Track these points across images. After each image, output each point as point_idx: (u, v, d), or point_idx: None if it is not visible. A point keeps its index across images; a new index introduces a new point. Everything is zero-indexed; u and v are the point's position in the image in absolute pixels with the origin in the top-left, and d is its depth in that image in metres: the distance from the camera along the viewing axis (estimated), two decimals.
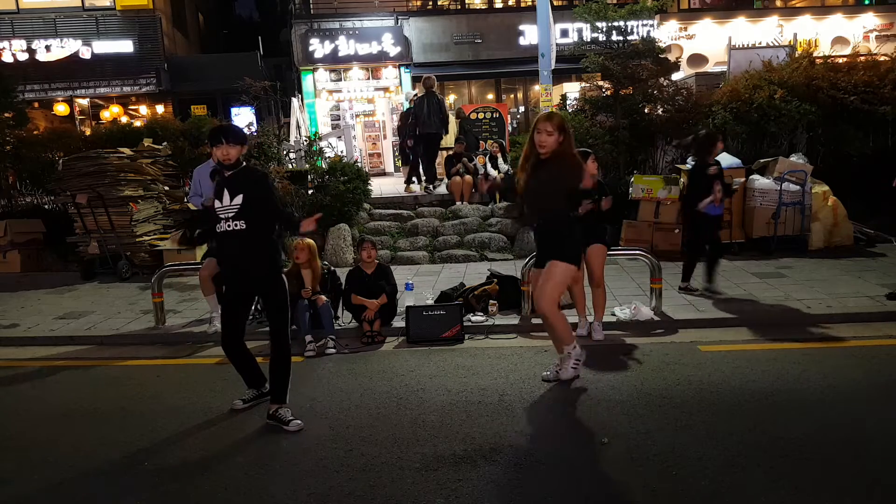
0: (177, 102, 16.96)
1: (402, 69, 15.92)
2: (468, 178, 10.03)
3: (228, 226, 3.77)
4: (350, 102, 16.28)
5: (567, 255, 4.14)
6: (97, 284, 8.13)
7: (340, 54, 15.52)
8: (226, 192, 3.77)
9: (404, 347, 5.38)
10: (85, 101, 16.88)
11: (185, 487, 3.22)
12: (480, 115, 12.97)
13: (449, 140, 12.59)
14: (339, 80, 16.25)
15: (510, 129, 13.74)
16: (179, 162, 9.49)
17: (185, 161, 9.43)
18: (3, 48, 15.71)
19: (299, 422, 3.83)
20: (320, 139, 10.73)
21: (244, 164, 3.94)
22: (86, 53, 16.12)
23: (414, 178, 10.92)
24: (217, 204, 3.80)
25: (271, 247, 3.92)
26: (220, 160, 3.82)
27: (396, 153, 15.77)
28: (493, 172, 9.96)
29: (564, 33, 15.24)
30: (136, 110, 17.14)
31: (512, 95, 17.55)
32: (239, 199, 3.74)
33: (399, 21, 15.93)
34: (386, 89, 16.36)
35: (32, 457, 3.63)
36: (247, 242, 3.80)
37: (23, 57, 15.73)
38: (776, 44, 12.98)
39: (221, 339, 4.05)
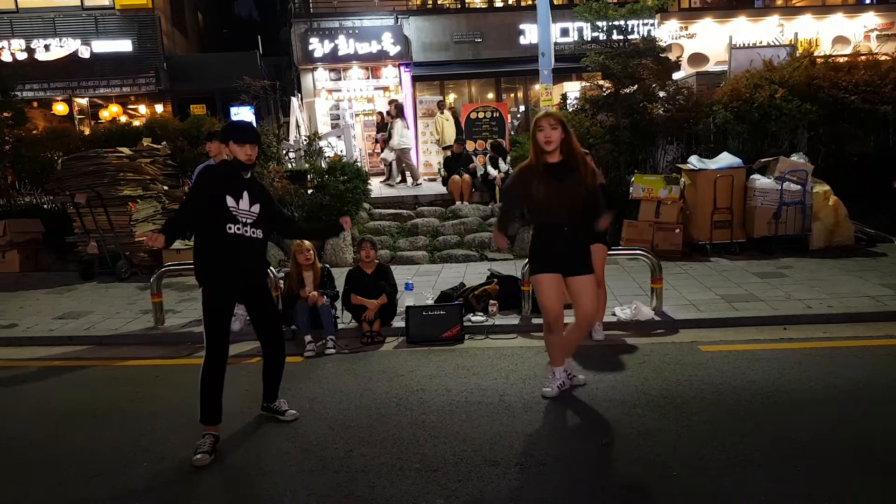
0: (176, 102, 16.93)
1: (402, 68, 15.90)
2: (467, 177, 10.03)
3: (247, 231, 3.58)
4: (350, 102, 16.28)
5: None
6: (96, 284, 8.11)
7: (340, 53, 15.50)
8: (246, 195, 3.59)
9: (404, 347, 5.36)
10: (84, 101, 16.86)
11: (185, 487, 3.21)
12: (481, 115, 12.94)
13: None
14: (339, 79, 16.23)
15: (510, 128, 13.73)
16: (178, 161, 9.48)
17: (184, 161, 9.41)
18: (3, 48, 15.68)
19: (294, 411, 3.95)
20: (320, 139, 10.72)
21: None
22: (85, 53, 16.10)
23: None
24: (231, 203, 3.52)
25: (267, 258, 3.94)
26: (241, 160, 3.58)
27: None
28: (493, 172, 9.95)
29: (565, 32, 15.22)
30: (135, 110, 17.13)
31: (512, 95, 17.53)
32: (257, 208, 3.64)
33: (399, 20, 15.91)
34: (386, 88, 16.35)
35: (32, 457, 3.62)
36: (260, 251, 3.78)
37: (22, 56, 15.71)
38: (777, 43, 12.95)
39: (212, 368, 3.61)
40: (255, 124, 14.43)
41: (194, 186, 3.69)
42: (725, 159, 8.15)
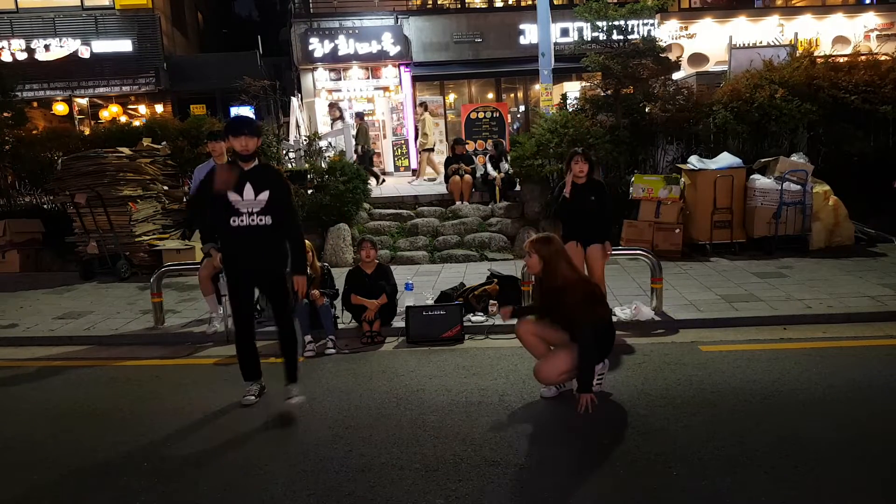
0: (176, 102, 16.94)
1: (402, 68, 15.90)
2: (468, 177, 10.01)
3: (252, 220, 3.80)
4: (350, 102, 16.27)
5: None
6: (96, 284, 8.11)
7: (340, 53, 15.50)
8: (248, 187, 3.79)
9: (404, 347, 5.36)
10: (84, 101, 16.87)
11: (185, 487, 3.21)
12: (481, 115, 12.96)
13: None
14: (339, 79, 16.23)
15: (511, 129, 13.75)
16: (178, 161, 9.47)
17: (184, 161, 9.41)
18: (3, 48, 15.69)
19: (298, 399, 4.03)
20: (320, 139, 10.71)
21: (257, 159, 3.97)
22: (85, 53, 16.11)
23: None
24: (235, 198, 3.78)
25: (284, 242, 4.01)
26: (237, 152, 3.81)
27: (397, 153, 15.78)
28: (494, 173, 9.94)
29: (565, 32, 15.23)
30: (135, 110, 17.13)
31: (512, 95, 17.54)
32: (265, 195, 3.82)
33: (399, 20, 15.92)
34: (386, 88, 16.35)
35: (31, 457, 3.61)
36: (269, 238, 3.89)
37: (22, 56, 15.72)
38: (777, 43, 12.95)
39: (237, 335, 4.09)
40: None
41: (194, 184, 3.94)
42: (725, 159, 8.15)
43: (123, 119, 15.68)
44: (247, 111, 14.96)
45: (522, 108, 17.16)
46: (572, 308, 3.83)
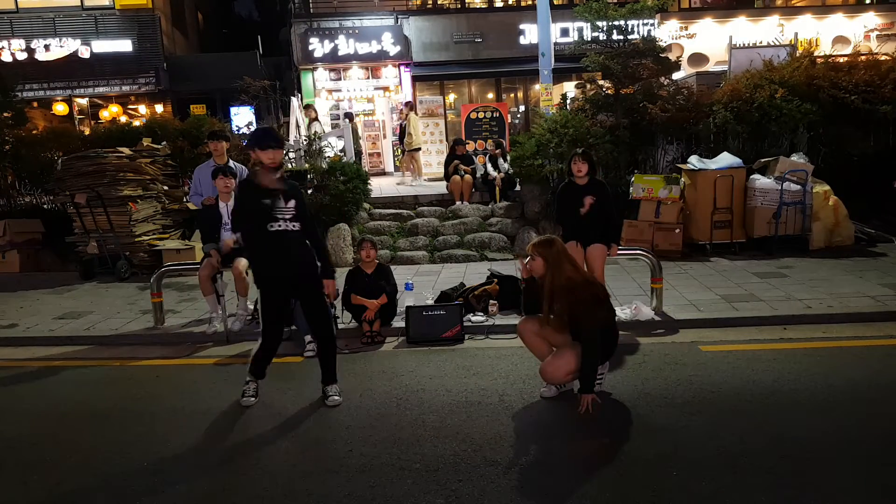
0: (176, 102, 16.95)
1: (402, 68, 15.91)
2: (468, 177, 10.02)
3: (288, 226, 3.96)
4: (350, 102, 16.28)
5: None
6: (96, 284, 8.11)
7: (340, 53, 15.52)
8: (281, 194, 3.94)
9: (404, 348, 5.36)
10: (84, 101, 16.88)
11: (185, 488, 3.20)
12: (481, 115, 12.96)
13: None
14: (339, 79, 16.24)
15: (511, 129, 13.74)
16: (178, 161, 9.47)
17: (184, 161, 9.41)
18: (3, 48, 15.71)
19: (337, 399, 4.15)
20: (320, 139, 10.70)
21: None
22: (85, 53, 16.12)
23: None
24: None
25: (312, 250, 4.18)
26: (266, 163, 3.92)
27: (396, 153, 15.78)
28: (494, 173, 9.94)
29: (565, 32, 15.24)
30: (135, 110, 17.14)
31: (512, 95, 17.54)
32: (293, 203, 3.99)
33: (399, 20, 15.93)
34: (386, 88, 16.36)
35: (31, 457, 3.61)
36: (302, 242, 4.07)
37: (22, 56, 15.73)
38: (777, 43, 12.94)
39: (265, 341, 4.13)
40: (254, 124, 14.50)
41: (237, 200, 4.18)
42: (725, 159, 8.15)
43: (123, 119, 15.68)
44: (247, 111, 14.96)
45: (522, 108, 17.16)
46: (576, 309, 3.83)
